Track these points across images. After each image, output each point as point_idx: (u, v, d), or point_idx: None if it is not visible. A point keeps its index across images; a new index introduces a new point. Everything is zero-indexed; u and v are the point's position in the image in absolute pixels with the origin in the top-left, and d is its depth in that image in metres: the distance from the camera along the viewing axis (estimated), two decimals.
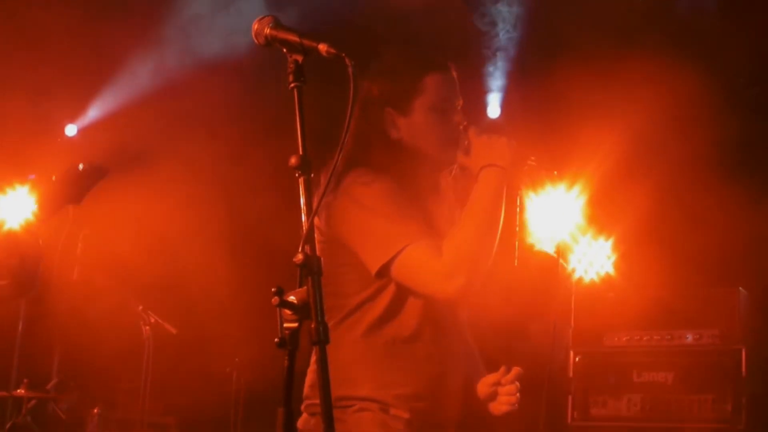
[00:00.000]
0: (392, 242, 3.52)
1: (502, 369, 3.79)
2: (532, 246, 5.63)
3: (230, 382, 7.90)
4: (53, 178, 3.71)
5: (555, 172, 3.85)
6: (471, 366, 3.88)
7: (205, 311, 7.51)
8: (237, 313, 7.27)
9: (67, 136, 7.15)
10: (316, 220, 2.59)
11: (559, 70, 6.59)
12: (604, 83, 6.65)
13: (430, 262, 3.51)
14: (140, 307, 6.62)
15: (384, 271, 3.55)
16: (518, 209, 3.81)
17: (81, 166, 3.75)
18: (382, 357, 3.65)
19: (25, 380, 6.37)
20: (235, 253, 7.51)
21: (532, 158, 3.71)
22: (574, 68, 6.42)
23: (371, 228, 3.55)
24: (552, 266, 6.42)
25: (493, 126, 7.09)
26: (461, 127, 3.72)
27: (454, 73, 3.81)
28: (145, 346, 6.61)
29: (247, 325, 6.46)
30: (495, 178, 3.61)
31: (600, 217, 6.67)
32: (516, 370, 3.78)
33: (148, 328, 6.65)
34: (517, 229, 3.86)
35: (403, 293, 3.64)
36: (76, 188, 3.77)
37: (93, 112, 6.82)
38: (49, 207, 3.70)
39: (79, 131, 7.07)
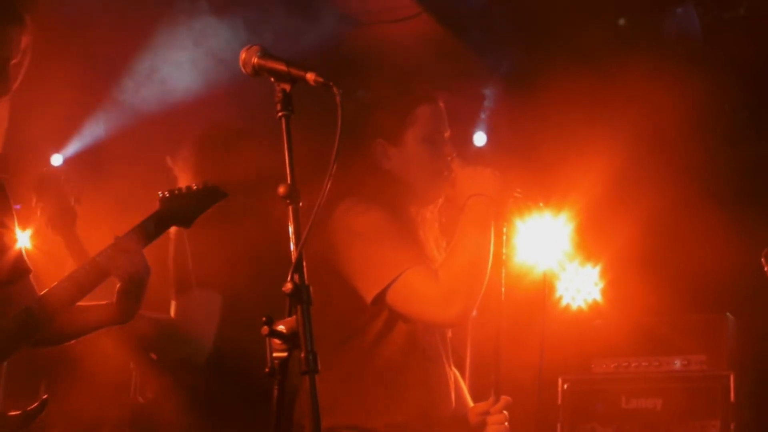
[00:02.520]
0: (388, 269, 3.53)
1: (491, 398, 3.79)
2: (519, 273, 5.63)
3: None
4: (159, 194, 3.62)
5: (541, 203, 3.88)
6: (457, 392, 3.88)
7: None
8: None
9: (52, 166, 7.13)
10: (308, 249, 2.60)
11: (545, 97, 6.60)
12: (591, 110, 6.67)
13: (427, 288, 3.53)
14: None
15: (379, 299, 3.55)
16: (504, 239, 3.82)
17: (194, 186, 3.67)
18: (372, 385, 3.65)
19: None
20: None
21: (518, 189, 3.74)
22: (561, 95, 6.44)
23: (366, 256, 3.57)
24: (539, 293, 6.42)
25: (479, 157, 7.10)
26: (450, 158, 3.75)
27: (442, 104, 3.84)
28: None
29: None
30: (482, 207, 3.65)
31: (587, 244, 6.67)
32: (505, 399, 3.78)
33: None
34: (504, 258, 3.87)
35: (392, 321, 3.65)
36: (188, 210, 3.67)
37: (78, 142, 6.80)
38: (156, 228, 3.59)
39: (64, 161, 7.05)
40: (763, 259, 4.67)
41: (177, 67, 6.19)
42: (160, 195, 3.59)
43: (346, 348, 3.64)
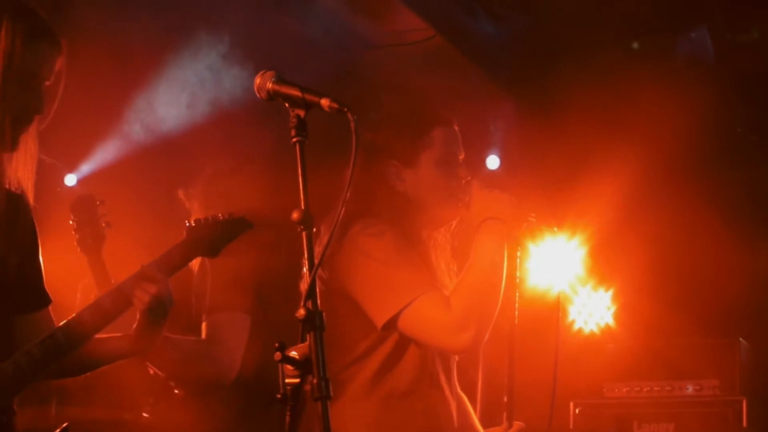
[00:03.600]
0: (401, 294, 3.53)
1: (504, 424, 3.79)
2: (531, 297, 5.63)
3: None
4: (186, 224, 3.66)
5: (555, 228, 3.87)
6: (463, 418, 3.87)
7: None
8: None
9: (66, 186, 7.14)
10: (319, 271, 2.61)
11: (558, 120, 6.61)
12: (604, 132, 6.67)
13: (440, 314, 3.53)
14: None
15: (390, 324, 3.55)
16: (518, 263, 3.82)
17: (221, 217, 3.71)
18: (378, 412, 3.65)
19: None
20: None
21: (533, 214, 3.73)
22: (574, 118, 6.45)
23: (379, 279, 3.56)
24: (552, 317, 6.41)
25: (495, 180, 7.12)
26: (464, 181, 3.75)
27: (456, 128, 3.85)
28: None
29: None
30: (496, 231, 3.64)
31: (600, 268, 6.67)
32: (518, 425, 3.77)
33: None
34: (518, 281, 3.87)
35: (401, 347, 3.65)
36: (214, 239, 3.71)
37: (93, 162, 6.81)
38: (182, 257, 3.63)
39: (78, 182, 7.06)
40: None
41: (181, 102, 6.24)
42: (187, 224, 3.60)
43: (352, 371, 3.64)
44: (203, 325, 4.39)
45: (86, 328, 3.24)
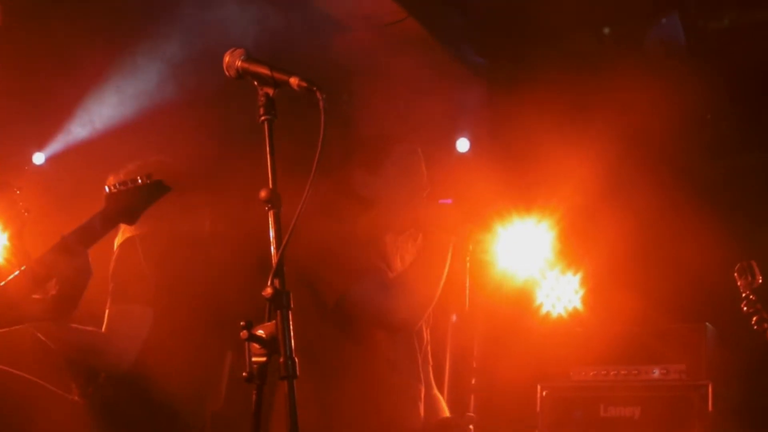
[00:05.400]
0: (349, 278, 3.66)
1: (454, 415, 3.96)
2: (501, 281, 5.66)
3: None
4: (106, 190, 3.69)
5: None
6: (432, 406, 3.96)
7: None
8: None
9: (34, 164, 7.10)
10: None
11: (528, 104, 6.61)
12: (574, 117, 6.68)
13: (381, 296, 3.77)
14: None
15: (341, 303, 3.66)
16: (467, 263, 4.11)
17: (140, 180, 3.75)
18: (337, 397, 3.71)
19: None
20: None
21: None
22: (545, 102, 6.44)
23: (332, 262, 3.69)
24: (520, 300, 6.46)
25: (463, 162, 7.23)
26: (425, 192, 3.98)
27: (419, 149, 4.08)
28: None
29: None
30: (439, 240, 3.95)
31: (568, 251, 6.68)
32: (468, 417, 3.92)
33: None
34: (467, 282, 4.13)
35: (353, 331, 3.76)
36: (133, 205, 3.76)
37: (62, 140, 6.77)
38: (102, 225, 3.70)
39: (47, 160, 7.02)
40: (735, 274, 4.71)
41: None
42: (107, 191, 3.65)
43: (309, 357, 3.68)
44: (105, 313, 4.42)
45: (19, 291, 3.29)
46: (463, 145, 7.50)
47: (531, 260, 5.80)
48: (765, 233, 6.53)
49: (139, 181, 3.76)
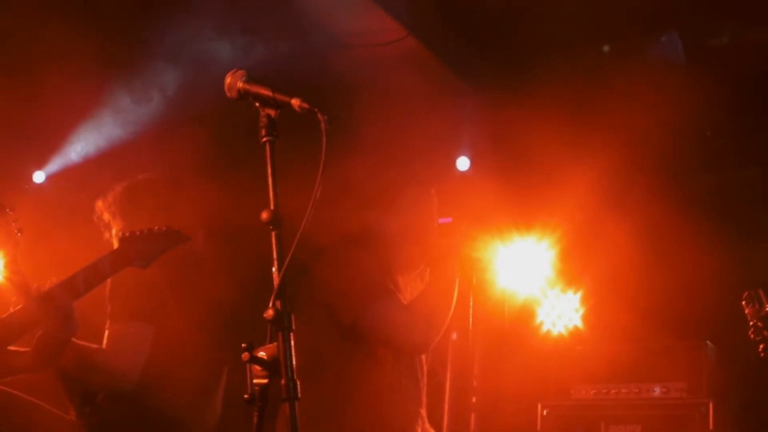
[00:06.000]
0: (366, 298, 3.66)
1: None
2: (502, 300, 5.67)
3: None
4: (120, 234, 3.71)
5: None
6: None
7: None
8: None
9: (35, 183, 7.10)
10: None
11: (528, 122, 6.61)
12: (574, 134, 6.67)
13: (398, 316, 3.82)
14: None
15: (355, 326, 3.65)
16: (472, 287, 4.33)
17: (156, 229, 3.77)
18: (335, 415, 3.72)
19: None
20: None
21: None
22: (545, 120, 6.45)
23: (347, 286, 3.70)
24: (520, 319, 6.46)
25: (463, 181, 7.27)
26: (435, 234, 4.05)
27: (434, 192, 4.14)
28: None
29: None
30: (447, 271, 4.06)
31: (569, 270, 6.68)
32: None
33: None
34: (471, 305, 4.37)
35: (361, 353, 3.77)
36: (148, 250, 3.78)
37: (62, 159, 6.78)
38: (112, 267, 3.71)
39: (47, 178, 7.03)
40: (743, 302, 4.70)
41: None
42: (121, 235, 3.64)
43: (314, 376, 3.68)
44: (105, 333, 4.41)
45: None
46: (463, 163, 7.50)
47: (532, 279, 5.81)
48: (766, 249, 6.54)
49: (156, 228, 3.77)
